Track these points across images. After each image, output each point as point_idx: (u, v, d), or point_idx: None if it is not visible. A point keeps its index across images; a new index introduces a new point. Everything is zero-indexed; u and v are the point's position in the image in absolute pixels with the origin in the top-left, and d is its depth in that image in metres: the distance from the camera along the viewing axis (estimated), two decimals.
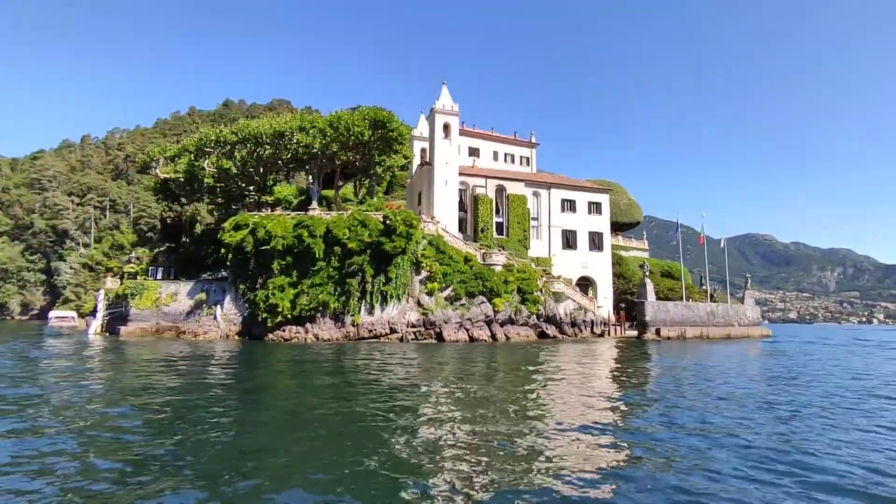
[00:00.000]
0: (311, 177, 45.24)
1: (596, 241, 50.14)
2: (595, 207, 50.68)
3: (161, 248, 56.17)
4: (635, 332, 46.62)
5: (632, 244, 63.29)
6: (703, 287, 59.21)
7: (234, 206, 42.56)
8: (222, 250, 36.28)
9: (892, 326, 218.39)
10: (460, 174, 45.96)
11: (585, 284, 49.90)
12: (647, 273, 45.93)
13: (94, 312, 41.33)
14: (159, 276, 39.94)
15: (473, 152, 54.79)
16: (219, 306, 36.07)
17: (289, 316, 34.25)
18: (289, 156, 40.65)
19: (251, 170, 40.03)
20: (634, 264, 58.12)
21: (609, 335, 45.42)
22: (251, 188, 41.13)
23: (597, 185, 55.13)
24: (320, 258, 34.51)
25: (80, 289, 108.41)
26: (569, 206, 49.76)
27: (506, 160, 62.18)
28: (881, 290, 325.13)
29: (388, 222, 35.11)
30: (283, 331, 34.32)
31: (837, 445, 8.94)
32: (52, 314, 40.73)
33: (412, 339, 35.48)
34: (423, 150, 53.48)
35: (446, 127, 45.53)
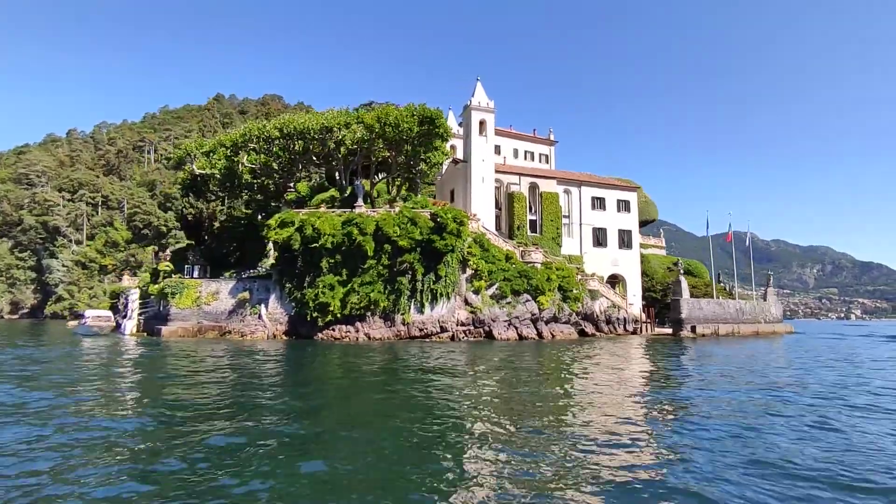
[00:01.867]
0: (337, 173, 44.50)
1: (625, 239, 50.43)
2: (624, 205, 50.95)
3: (181, 245, 54.74)
4: (666, 330, 47.08)
5: (650, 242, 63.82)
6: (721, 284, 60.10)
7: (273, 204, 41.57)
8: (268, 247, 35.46)
9: (874, 322, 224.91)
10: (495, 171, 45.73)
11: (613, 282, 50.16)
12: (682, 271, 46.33)
13: (124, 312, 39.93)
14: (195, 274, 38.78)
15: (494, 149, 54.55)
16: (263, 305, 35.18)
17: (339, 315, 33.62)
18: (325, 151, 39.90)
19: (290, 165, 39.18)
20: (654, 262, 58.67)
21: (641, 332, 45.73)
22: (291, 184, 40.23)
23: (621, 182, 55.39)
24: (370, 256, 33.94)
25: (73, 287, 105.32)
26: (599, 203, 49.93)
27: (525, 157, 62.30)
28: (858, 286, 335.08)
29: (438, 220, 34.69)
30: (333, 330, 33.66)
31: None
32: (88, 313, 39.08)
33: (462, 338, 35.16)
34: (452, 147, 53.01)
35: (482, 123, 45.25)
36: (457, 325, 35.42)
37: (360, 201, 36.60)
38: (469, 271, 37.65)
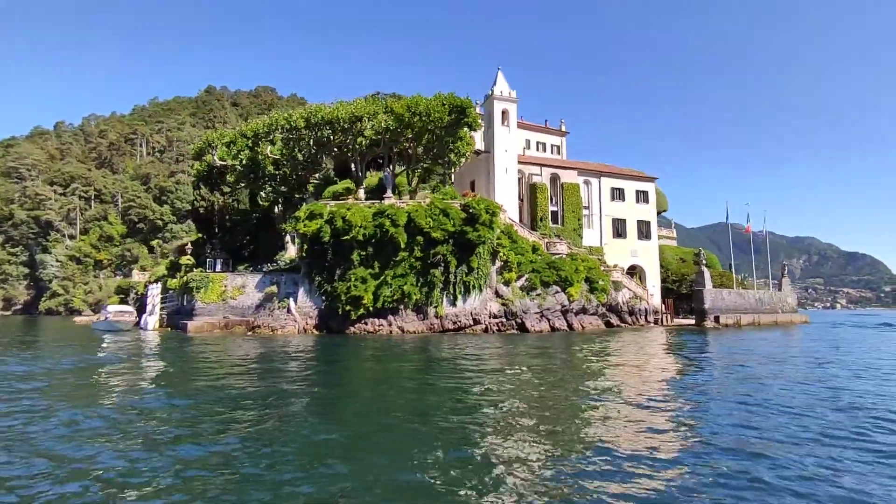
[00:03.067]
0: (353, 164, 43.65)
1: (644, 230, 50.33)
2: (642, 196, 50.79)
3: (190, 238, 53.48)
4: (687, 321, 47.13)
5: (662, 233, 63.80)
6: (736, 275, 60.38)
7: (296, 195, 40.60)
8: (286, 240, 34.62)
9: (859, 311, 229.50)
10: (517, 162, 45.23)
11: (631, 273, 50.04)
12: (704, 262, 46.37)
13: (143, 307, 38.83)
14: (218, 267, 37.80)
15: None
16: (292, 299, 34.39)
17: (371, 308, 32.99)
18: (347, 141, 39.02)
19: (315, 156, 38.25)
20: (668, 253, 58.74)
21: (662, 323, 45.71)
22: (317, 175, 39.33)
23: (639, 173, 55.19)
24: (402, 248, 33.31)
25: (67, 282, 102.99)
26: (618, 194, 49.71)
27: (538, 148, 61.76)
28: (843, 276, 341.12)
29: (471, 211, 34.14)
30: (366, 324, 33.05)
31: None
32: (110, 308, 37.91)
33: (496, 331, 34.78)
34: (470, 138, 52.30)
35: (504, 113, 44.67)
36: (489, 318, 35.03)
37: (389, 192, 35.88)
38: (498, 263, 37.23)
